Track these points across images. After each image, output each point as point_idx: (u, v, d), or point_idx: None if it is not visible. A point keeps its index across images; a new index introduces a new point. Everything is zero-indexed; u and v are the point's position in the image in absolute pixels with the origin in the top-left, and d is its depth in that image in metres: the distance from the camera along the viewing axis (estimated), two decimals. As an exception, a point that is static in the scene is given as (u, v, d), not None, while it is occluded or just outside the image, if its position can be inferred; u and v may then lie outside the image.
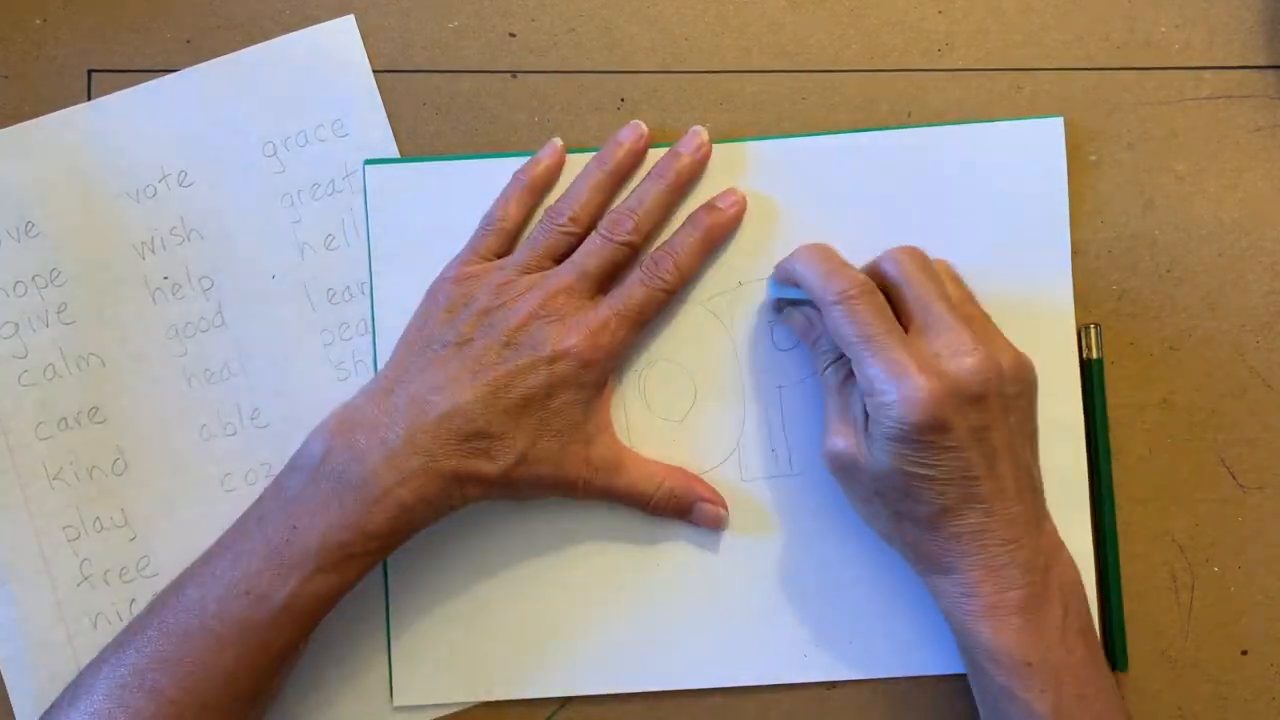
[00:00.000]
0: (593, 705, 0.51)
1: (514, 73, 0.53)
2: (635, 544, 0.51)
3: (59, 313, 0.52)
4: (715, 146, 0.52)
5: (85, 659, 0.51)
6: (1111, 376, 0.51)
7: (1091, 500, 0.51)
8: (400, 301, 0.51)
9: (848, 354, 0.45)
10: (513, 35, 0.53)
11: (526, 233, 0.51)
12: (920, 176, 0.51)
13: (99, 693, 0.44)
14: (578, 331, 0.47)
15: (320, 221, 0.52)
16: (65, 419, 0.52)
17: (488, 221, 0.51)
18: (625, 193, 0.51)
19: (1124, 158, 0.52)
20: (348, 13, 0.53)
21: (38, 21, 0.53)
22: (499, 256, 0.50)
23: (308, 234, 0.52)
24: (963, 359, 0.43)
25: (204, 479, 0.52)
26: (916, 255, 0.46)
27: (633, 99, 0.53)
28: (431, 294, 0.50)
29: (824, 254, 0.47)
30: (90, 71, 0.53)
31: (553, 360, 0.47)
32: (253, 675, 0.45)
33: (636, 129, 0.51)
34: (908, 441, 0.43)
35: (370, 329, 0.52)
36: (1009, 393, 0.44)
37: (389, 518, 0.45)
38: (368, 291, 0.52)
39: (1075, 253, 0.52)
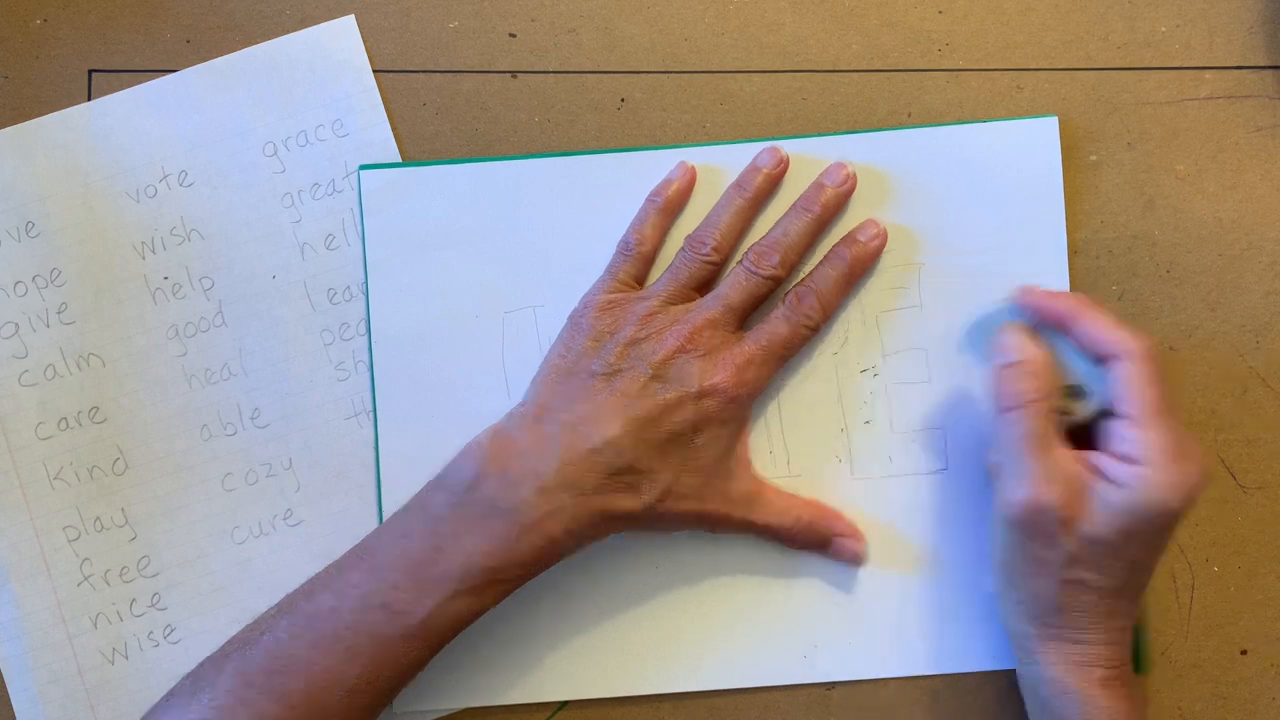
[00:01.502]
0: (591, 708, 0.51)
1: (514, 73, 0.53)
2: (633, 547, 0.51)
3: (59, 313, 0.52)
4: (714, 147, 0.52)
5: (85, 659, 0.51)
6: (1111, 376, 0.52)
7: None
8: (396, 306, 0.52)
9: (1127, 411, 0.43)
10: (513, 35, 0.53)
11: (663, 257, 0.51)
12: (917, 176, 0.51)
13: (222, 688, 0.44)
14: (725, 368, 0.47)
15: (320, 221, 0.52)
16: (65, 419, 0.52)
17: (625, 247, 0.50)
18: (764, 219, 0.51)
19: (1124, 158, 0.52)
20: (348, 13, 0.53)
21: (38, 21, 0.53)
22: (638, 281, 0.50)
23: (308, 234, 0.52)
24: (1203, 458, 0.43)
25: (204, 479, 0.52)
26: (1158, 346, 0.46)
27: (633, 99, 0.53)
28: (574, 321, 0.49)
29: (1103, 307, 0.46)
30: (90, 71, 0.53)
31: (700, 396, 0.46)
32: (376, 688, 0.45)
33: (775, 153, 0.50)
34: (1147, 521, 0.43)
35: (367, 331, 0.52)
36: None
37: (536, 548, 0.45)
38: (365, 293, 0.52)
39: (1075, 252, 0.52)
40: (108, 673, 0.51)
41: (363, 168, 0.52)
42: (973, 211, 0.51)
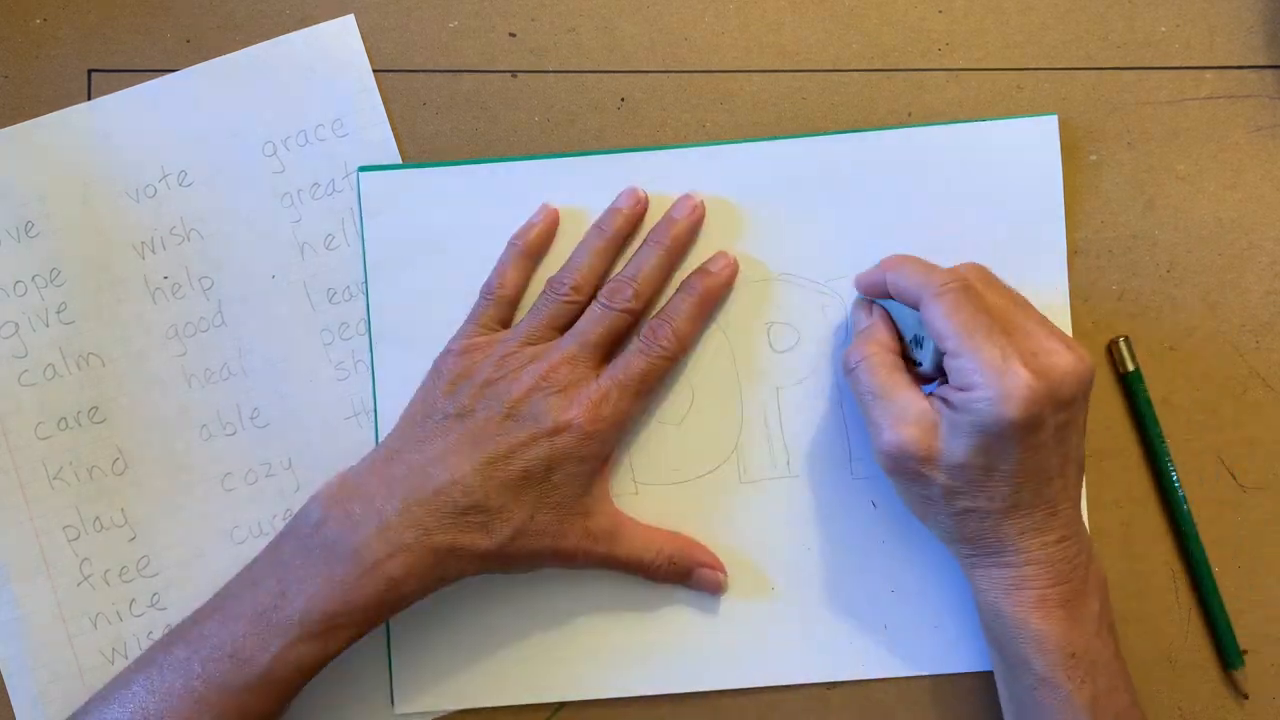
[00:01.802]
0: (590, 709, 0.51)
1: (514, 73, 0.53)
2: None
3: (59, 313, 0.52)
4: (715, 147, 0.52)
5: (85, 659, 0.51)
6: (1113, 376, 0.51)
7: (1166, 507, 0.51)
8: (396, 306, 0.52)
9: (945, 346, 0.44)
10: (513, 35, 0.53)
11: (527, 300, 0.51)
12: (917, 176, 0.51)
13: None
14: (579, 404, 0.47)
15: (320, 221, 0.52)
16: (65, 419, 0.52)
17: (487, 290, 0.50)
18: (626, 257, 0.51)
19: (1124, 158, 0.52)
20: (348, 13, 0.53)
21: (38, 21, 0.53)
22: (502, 325, 0.50)
23: (308, 234, 0.52)
24: (1059, 358, 0.43)
25: (204, 479, 0.52)
26: (980, 268, 0.46)
27: (633, 99, 0.53)
28: (435, 367, 0.50)
29: (915, 259, 0.47)
30: (90, 71, 0.53)
31: (554, 433, 0.46)
32: None
33: (633, 195, 0.51)
34: (997, 436, 0.42)
35: (367, 330, 0.52)
36: (1087, 393, 0.45)
37: (377, 590, 0.45)
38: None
39: (1075, 252, 0.52)
40: (108, 673, 0.51)
41: (361, 169, 0.52)
42: (972, 210, 0.51)
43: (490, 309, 0.50)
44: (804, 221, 0.51)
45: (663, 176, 0.51)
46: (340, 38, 0.53)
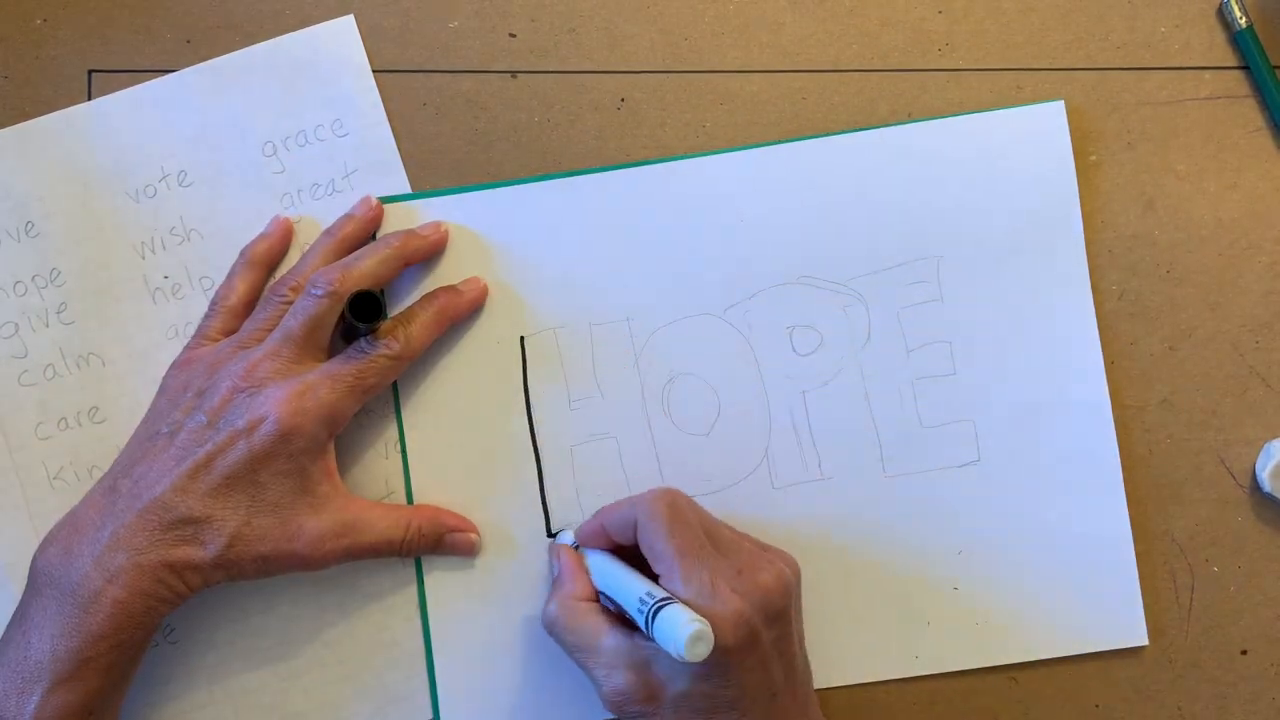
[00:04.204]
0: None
1: (514, 73, 0.53)
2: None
3: (59, 313, 0.52)
4: (713, 157, 0.52)
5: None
6: (1112, 376, 0.51)
7: None
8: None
9: (659, 568, 0.43)
10: (513, 35, 0.53)
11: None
12: (927, 170, 0.51)
13: None
14: (274, 399, 0.45)
15: (320, 222, 0.52)
16: (65, 419, 0.51)
17: (213, 302, 0.50)
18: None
19: (1124, 158, 0.52)
20: (348, 13, 0.53)
21: (38, 21, 0.53)
22: (226, 335, 0.49)
23: (307, 235, 0.52)
24: (763, 574, 0.43)
25: (204, 479, 0.52)
26: (668, 493, 0.45)
27: (633, 99, 0.53)
28: (160, 384, 0.49)
29: (616, 503, 0.47)
30: (90, 71, 0.53)
31: (249, 432, 0.45)
32: None
33: (367, 203, 0.51)
34: (715, 663, 0.41)
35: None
36: (796, 598, 0.44)
37: (110, 617, 0.43)
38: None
39: (1075, 253, 0.52)
40: (107, 673, 0.51)
41: (383, 200, 0.52)
42: (986, 200, 0.51)
43: (215, 320, 0.50)
44: (819, 223, 0.51)
45: (665, 188, 0.51)
46: (340, 38, 0.53)
